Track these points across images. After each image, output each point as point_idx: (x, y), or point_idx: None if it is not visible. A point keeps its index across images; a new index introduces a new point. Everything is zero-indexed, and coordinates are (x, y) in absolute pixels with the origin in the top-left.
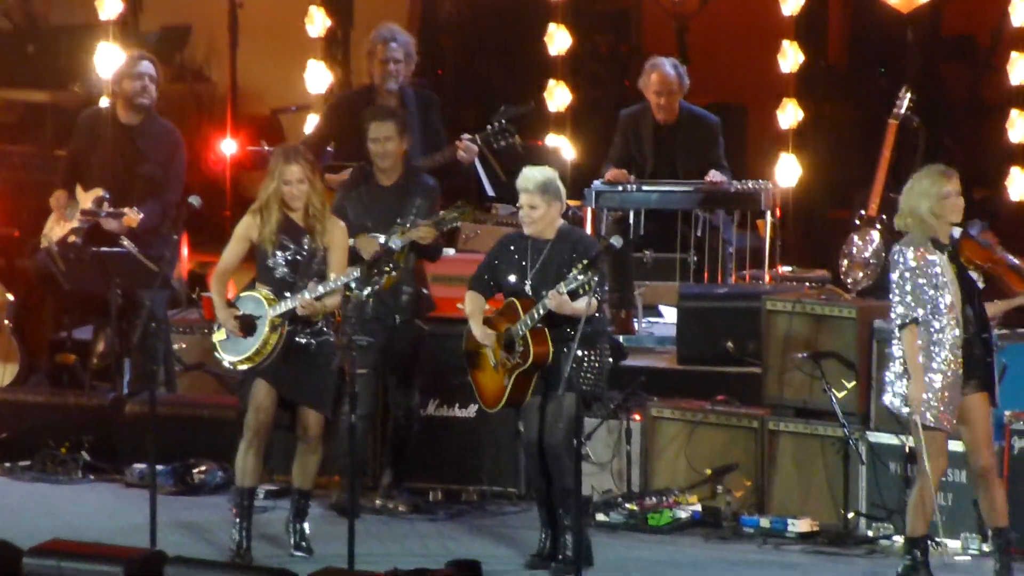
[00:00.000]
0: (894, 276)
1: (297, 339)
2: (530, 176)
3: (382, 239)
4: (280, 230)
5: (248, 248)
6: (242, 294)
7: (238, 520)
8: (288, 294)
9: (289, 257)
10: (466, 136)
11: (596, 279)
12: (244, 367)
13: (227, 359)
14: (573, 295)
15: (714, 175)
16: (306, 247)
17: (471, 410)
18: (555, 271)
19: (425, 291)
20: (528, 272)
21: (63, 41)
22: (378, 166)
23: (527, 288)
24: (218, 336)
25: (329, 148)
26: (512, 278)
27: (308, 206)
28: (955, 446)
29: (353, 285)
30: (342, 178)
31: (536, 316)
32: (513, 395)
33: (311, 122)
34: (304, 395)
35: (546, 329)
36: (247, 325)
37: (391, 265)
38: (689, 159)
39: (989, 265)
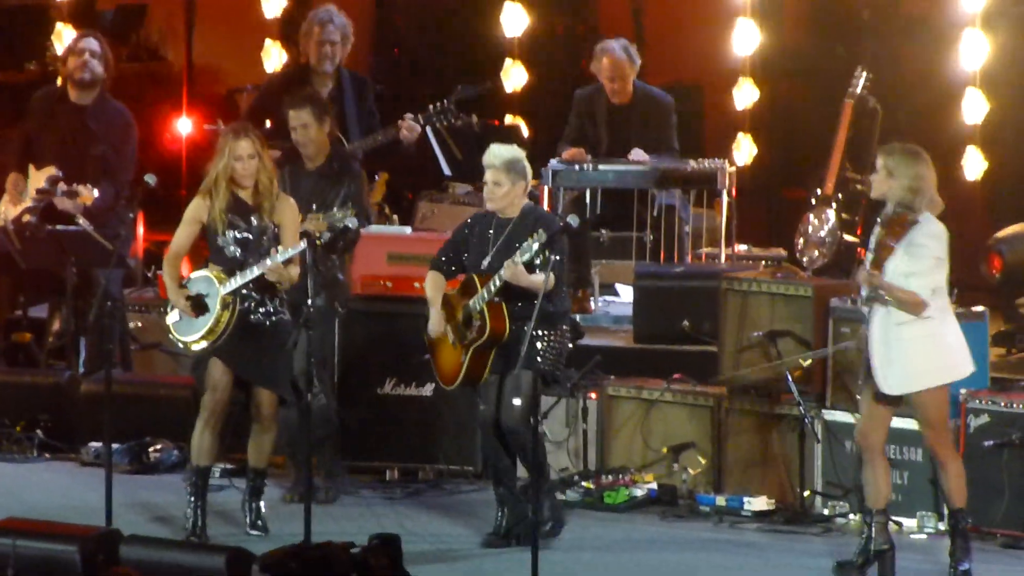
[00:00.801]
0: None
1: (251, 318)
2: (497, 153)
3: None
4: (229, 209)
5: (199, 230)
6: (192, 275)
7: (193, 499)
8: (239, 272)
9: (239, 236)
10: (409, 116)
11: (557, 257)
12: (198, 347)
13: (181, 340)
14: (530, 268)
15: (636, 154)
16: (255, 225)
17: (428, 389)
18: (517, 249)
19: (341, 277)
20: (490, 250)
21: (19, 21)
22: (301, 152)
23: (487, 265)
24: (171, 318)
25: (267, 126)
26: (474, 256)
27: (258, 183)
28: (908, 424)
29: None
30: (276, 156)
31: (493, 288)
32: (470, 371)
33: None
34: (260, 375)
35: (503, 304)
36: (198, 305)
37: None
38: (643, 138)
39: None
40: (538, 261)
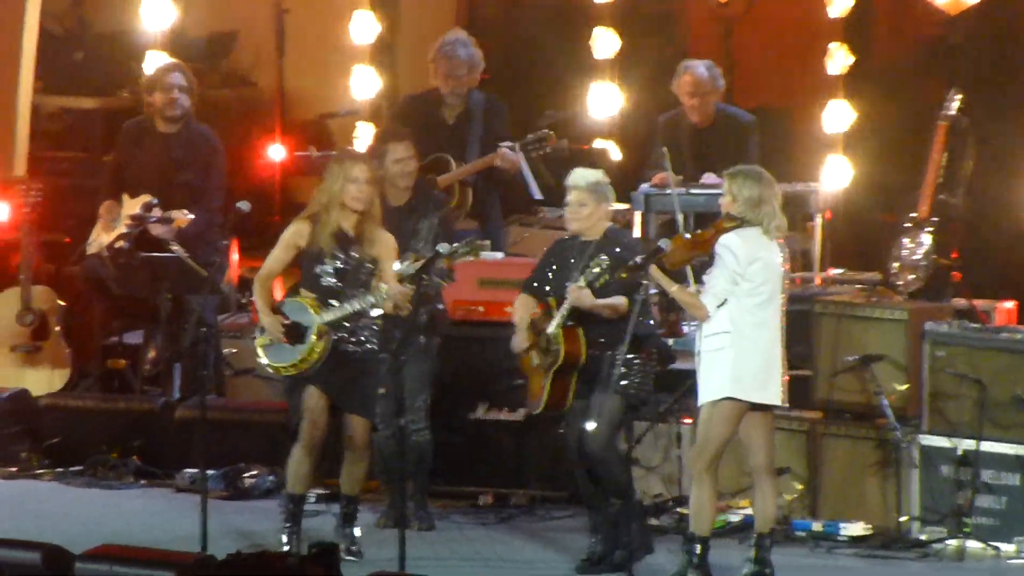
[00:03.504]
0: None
1: (343, 348)
2: (581, 174)
3: (397, 265)
4: (334, 237)
5: (295, 255)
6: (287, 300)
7: (288, 525)
8: (334, 302)
9: (339, 266)
10: (505, 144)
11: (644, 283)
12: (287, 374)
13: (271, 365)
14: (598, 292)
15: (708, 178)
16: (355, 257)
17: (519, 414)
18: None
19: (441, 307)
20: (572, 273)
21: (111, 47)
22: (397, 186)
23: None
24: (261, 341)
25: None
26: (559, 279)
27: (367, 212)
28: (1006, 448)
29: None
30: None
31: (564, 313)
32: (552, 396)
33: (360, 127)
34: (352, 403)
35: (579, 328)
36: (294, 333)
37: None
38: (726, 160)
39: None
40: (596, 285)
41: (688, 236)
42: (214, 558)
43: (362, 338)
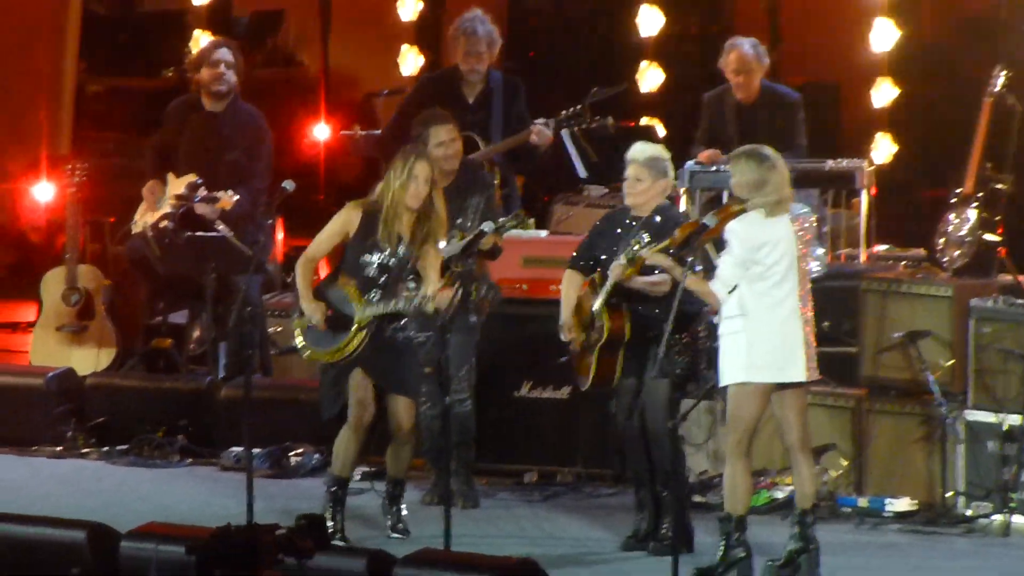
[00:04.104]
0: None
1: (383, 335)
2: (641, 149)
3: (442, 245)
4: (388, 232)
5: (341, 240)
6: (332, 287)
7: (331, 505)
8: (374, 294)
9: (385, 261)
10: (539, 120)
11: (691, 259)
12: (324, 360)
13: (309, 348)
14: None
15: None
16: (401, 255)
17: (565, 392)
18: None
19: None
20: (620, 248)
21: (155, 28)
22: (441, 169)
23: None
24: (300, 324)
25: None
26: (607, 254)
27: (421, 210)
28: None
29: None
30: None
31: (608, 290)
32: (599, 373)
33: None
34: (395, 383)
35: (624, 305)
36: (335, 321)
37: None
38: (772, 137)
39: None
40: (636, 262)
41: (702, 222)
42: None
43: (398, 326)
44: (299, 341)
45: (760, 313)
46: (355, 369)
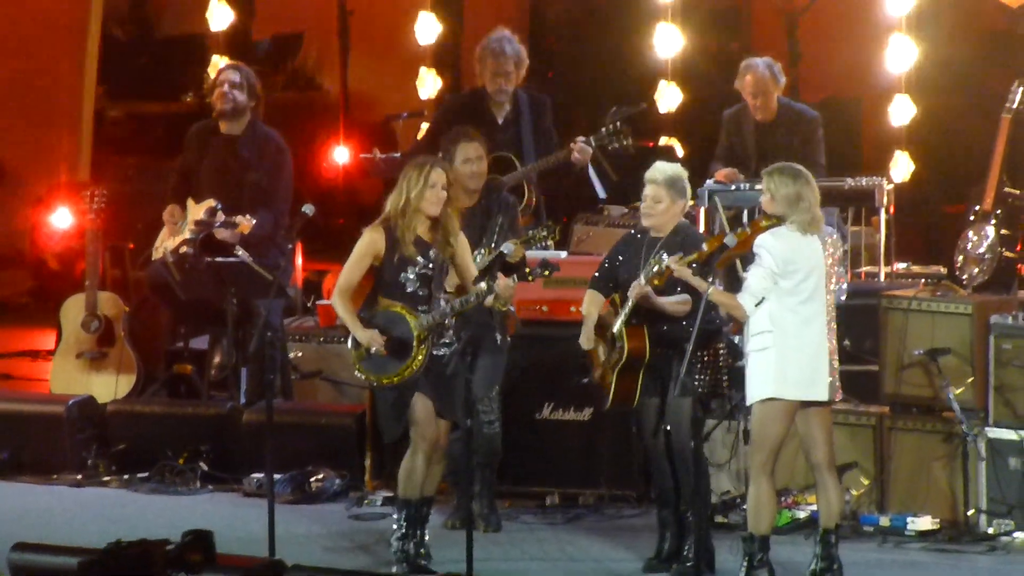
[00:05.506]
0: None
1: (435, 352)
2: (661, 168)
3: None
4: (415, 243)
5: (371, 263)
6: (379, 311)
7: (406, 530)
8: (424, 308)
9: (422, 271)
10: (581, 139)
11: (712, 279)
12: (389, 383)
13: (373, 377)
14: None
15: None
16: (434, 260)
17: (586, 413)
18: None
19: (511, 307)
20: (641, 268)
21: (174, 53)
22: (467, 187)
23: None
24: (357, 355)
25: None
26: (627, 275)
27: (441, 216)
28: None
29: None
30: None
31: (627, 311)
32: (619, 393)
33: (424, 129)
34: (448, 407)
35: (644, 326)
36: (393, 345)
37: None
38: (791, 155)
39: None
40: (655, 283)
41: (728, 236)
42: (283, 562)
43: (446, 340)
44: (360, 373)
45: (790, 329)
46: (416, 395)
